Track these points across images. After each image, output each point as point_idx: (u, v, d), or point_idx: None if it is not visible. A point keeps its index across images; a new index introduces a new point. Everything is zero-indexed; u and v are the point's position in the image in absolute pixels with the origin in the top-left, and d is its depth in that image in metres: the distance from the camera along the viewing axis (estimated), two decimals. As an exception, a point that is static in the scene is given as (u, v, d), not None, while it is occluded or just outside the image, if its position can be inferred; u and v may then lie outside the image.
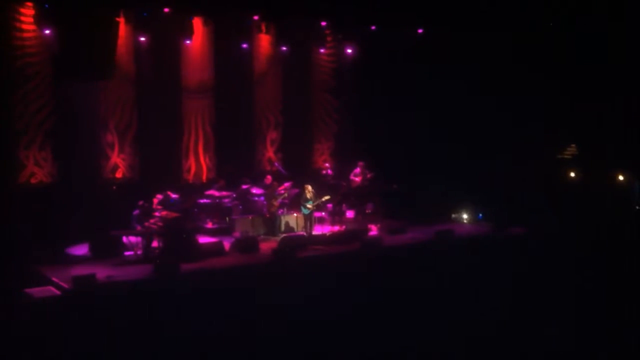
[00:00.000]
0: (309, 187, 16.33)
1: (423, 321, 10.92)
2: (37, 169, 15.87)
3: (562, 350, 9.98)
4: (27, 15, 15.49)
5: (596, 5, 18.13)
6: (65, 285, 11.99)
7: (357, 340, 10.29)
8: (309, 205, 16.19)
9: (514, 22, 18.75)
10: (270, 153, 19.52)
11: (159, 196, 14.94)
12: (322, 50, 19.90)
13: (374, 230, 16.88)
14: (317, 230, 16.56)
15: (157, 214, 14.39)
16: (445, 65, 18.77)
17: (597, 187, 18.88)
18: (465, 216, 18.47)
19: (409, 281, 12.99)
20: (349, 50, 19.88)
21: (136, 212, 14.37)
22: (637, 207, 18.40)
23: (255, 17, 18.39)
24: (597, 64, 18.58)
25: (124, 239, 14.27)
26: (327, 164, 19.19)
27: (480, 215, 18.35)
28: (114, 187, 16.69)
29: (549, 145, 19.99)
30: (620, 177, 19.19)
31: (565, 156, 20.56)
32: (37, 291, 11.86)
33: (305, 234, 16.16)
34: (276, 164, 18.99)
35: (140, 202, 14.40)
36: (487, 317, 11.14)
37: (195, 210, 16.45)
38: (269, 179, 16.97)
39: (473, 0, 18.69)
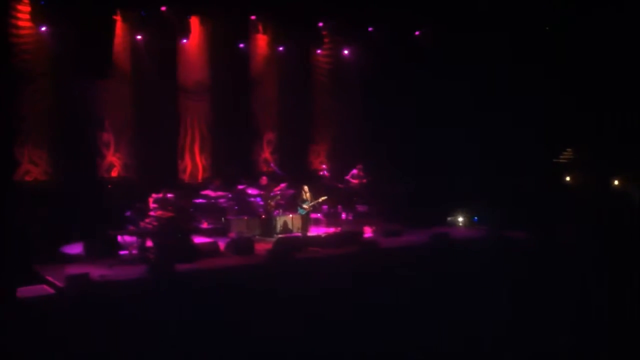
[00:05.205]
0: (306, 188, 16.31)
1: (421, 322, 10.93)
2: (32, 167, 15.79)
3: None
4: (23, 12, 15.42)
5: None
6: (60, 284, 11.93)
7: (354, 341, 10.28)
8: (305, 206, 16.16)
9: (515, 22, 18.72)
10: (266, 154, 19.47)
11: (155, 195, 14.88)
12: (319, 51, 19.87)
13: (368, 233, 16.86)
14: (313, 232, 16.53)
15: (152, 213, 14.34)
16: (445, 65, 18.76)
17: (593, 191, 18.91)
18: (460, 219, 18.47)
19: (404, 283, 12.98)
20: (346, 52, 19.85)
21: (130, 211, 14.30)
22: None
23: (253, 17, 18.35)
24: (596, 66, 18.60)
25: (119, 238, 14.19)
26: (324, 165, 19.13)
27: (476, 218, 18.35)
28: (110, 186, 16.60)
29: (545, 149, 20.00)
30: (616, 182, 19.22)
31: (562, 160, 20.59)
32: (30, 290, 11.80)
33: (300, 235, 16.12)
34: (272, 164, 18.93)
35: (137, 205, 14.34)
36: (484, 318, 11.15)
37: (191, 210, 16.38)
38: (264, 179, 16.93)
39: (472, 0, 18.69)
